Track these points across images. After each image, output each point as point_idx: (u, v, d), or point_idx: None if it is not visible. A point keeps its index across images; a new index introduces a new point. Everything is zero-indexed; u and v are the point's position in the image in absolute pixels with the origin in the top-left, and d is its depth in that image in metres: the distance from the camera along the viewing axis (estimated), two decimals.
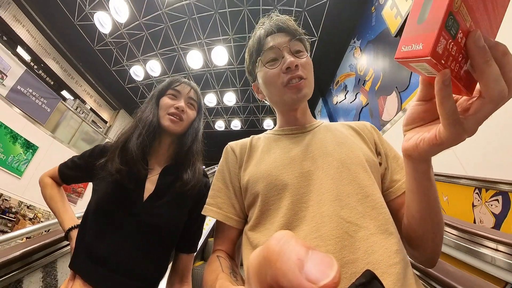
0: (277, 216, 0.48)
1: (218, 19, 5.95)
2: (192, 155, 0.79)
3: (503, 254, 1.01)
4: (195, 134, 0.81)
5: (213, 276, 0.44)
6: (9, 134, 5.14)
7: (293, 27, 0.60)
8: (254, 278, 0.14)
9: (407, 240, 0.48)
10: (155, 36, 6.38)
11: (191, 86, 0.83)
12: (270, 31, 0.60)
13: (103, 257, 0.62)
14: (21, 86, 5.34)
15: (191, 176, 0.74)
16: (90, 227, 0.66)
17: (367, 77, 5.04)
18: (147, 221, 0.67)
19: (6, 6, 6.02)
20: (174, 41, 6.52)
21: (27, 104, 5.42)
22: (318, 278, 0.11)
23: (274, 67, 0.57)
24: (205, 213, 0.58)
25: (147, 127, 0.74)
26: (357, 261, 0.39)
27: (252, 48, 0.63)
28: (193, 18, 5.92)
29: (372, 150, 0.57)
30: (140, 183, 0.71)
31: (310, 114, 0.66)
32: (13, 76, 5.22)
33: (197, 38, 6.44)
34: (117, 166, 0.68)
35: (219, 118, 9.69)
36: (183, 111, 0.77)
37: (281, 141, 0.60)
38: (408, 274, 0.41)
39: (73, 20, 5.73)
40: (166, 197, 0.71)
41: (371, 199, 0.46)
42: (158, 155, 0.79)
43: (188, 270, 0.77)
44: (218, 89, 8.09)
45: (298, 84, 0.56)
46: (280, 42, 0.58)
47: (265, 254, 0.13)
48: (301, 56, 0.58)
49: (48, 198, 0.79)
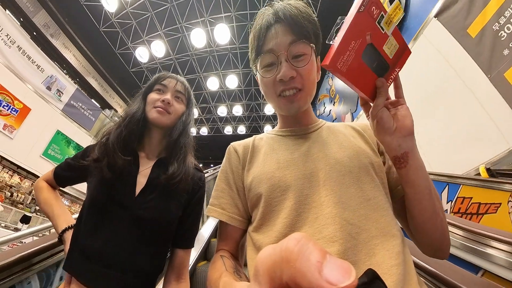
0: (280, 217, 0.48)
1: (231, 57, 6.97)
2: (180, 148, 0.78)
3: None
4: (183, 127, 0.80)
5: (217, 275, 0.44)
6: (64, 139, 6.44)
7: (298, 22, 0.52)
8: (266, 276, 0.14)
9: (414, 232, 0.50)
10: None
11: (177, 79, 0.83)
12: (271, 22, 0.53)
13: (97, 253, 0.62)
14: (73, 101, 6.65)
15: (176, 169, 0.73)
16: (84, 225, 0.66)
17: (335, 99, 7.05)
18: (139, 215, 0.67)
19: (58, 36, 7.43)
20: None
21: (77, 115, 6.73)
22: (337, 280, 0.11)
23: (268, 76, 0.54)
24: (208, 214, 0.57)
25: (128, 118, 0.75)
26: (359, 263, 0.40)
27: (252, 43, 0.57)
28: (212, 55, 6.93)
29: (375, 150, 0.56)
30: (132, 178, 0.71)
31: (312, 114, 0.63)
32: (67, 93, 6.54)
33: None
34: (95, 155, 0.69)
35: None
36: (169, 104, 0.77)
37: (283, 142, 0.59)
38: (411, 275, 0.41)
39: (114, 48, 7.05)
40: (158, 191, 0.71)
41: (373, 202, 0.46)
42: (149, 150, 0.79)
43: (185, 266, 0.76)
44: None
45: (292, 97, 0.53)
46: (280, 44, 0.52)
47: (283, 254, 0.13)
48: (300, 62, 0.52)
49: (42, 202, 0.77)
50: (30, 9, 6.90)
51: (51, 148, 6.19)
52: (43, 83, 6.06)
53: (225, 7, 6.88)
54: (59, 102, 6.36)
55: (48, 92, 6.14)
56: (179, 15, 7.19)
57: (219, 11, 6.94)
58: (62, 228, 0.71)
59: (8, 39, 5.52)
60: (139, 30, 7.43)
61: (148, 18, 7.16)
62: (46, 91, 6.09)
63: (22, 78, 5.60)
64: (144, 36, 7.52)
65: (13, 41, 5.58)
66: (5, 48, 5.42)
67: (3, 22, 5.48)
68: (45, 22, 7.16)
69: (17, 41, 5.65)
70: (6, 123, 5.33)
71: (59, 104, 6.35)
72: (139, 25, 7.33)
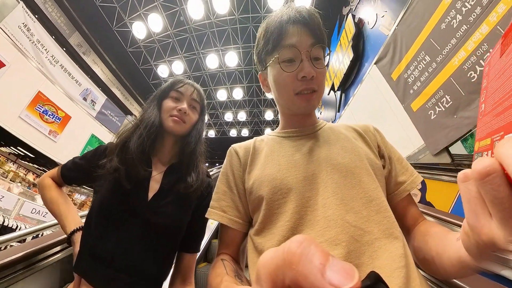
0: (282, 220, 0.47)
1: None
2: (196, 157, 0.78)
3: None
4: (199, 136, 0.80)
5: (218, 279, 0.43)
6: (97, 142, 7.67)
7: (318, 27, 0.54)
8: (268, 279, 0.14)
9: (417, 260, 0.46)
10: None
11: (194, 87, 0.82)
12: (294, 19, 0.53)
13: (109, 257, 0.62)
14: (104, 109, 7.90)
15: (195, 179, 0.74)
16: (94, 228, 0.65)
17: (321, 109, 7.78)
18: (152, 220, 0.66)
19: (88, 53, 8.70)
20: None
21: (107, 121, 7.97)
22: (340, 282, 0.11)
23: (289, 71, 0.53)
24: (209, 217, 0.57)
25: (148, 127, 0.73)
26: (362, 266, 0.40)
27: (270, 34, 0.55)
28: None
29: (375, 153, 0.56)
30: (145, 182, 0.71)
31: (314, 115, 0.63)
32: (99, 103, 7.79)
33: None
34: (115, 164, 0.68)
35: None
36: (185, 113, 0.76)
37: (284, 144, 0.58)
38: (413, 278, 0.40)
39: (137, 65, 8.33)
40: (171, 196, 0.71)
41: (375, 203, 0.46)
42: (162, 155, 0.79)
43: (191, 270, 0.75)
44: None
45: (309, 96, 0.54)
46: (302, 42, 0.52)
47: (285, 256, 0.13)
48: (318, 65, 0.53)
49: (48, 201, 0.73)
50: (66, 32, 8.16)
51: (87, 149, 7.40)
52: (80, 94, 7.29)
53: (234, 40, 8.51)
54: (93, 111, 7.61)
55: (84, 102, 7.37)
56: (197, 43, 8.74)
57: (229, 43, 8.79)
58: (70, 229, 0.69)
59: (53, 59, 6.75)
60: (162, 52, 8.86)
61: (170, 43, 8.66)
62: (83, 101, 7.33)
63: (64, 91, 6.78)
64: (166, 57, 9.04)
65: (56, 60, 6.82)
66: (50, 67, 6.65)
67: (49, 45, 6.73)
68: (78, 42, 8.41)
69: (60, 61, 6.88)
70: (51, 129, 6.29)
71: (92, 112, 7.59)
72: (162, 47, 8.80)
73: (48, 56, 6.67)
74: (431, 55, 2.77)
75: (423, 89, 2.87)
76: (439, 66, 2.68)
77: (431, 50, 2.76)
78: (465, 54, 2.39)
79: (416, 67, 2.97)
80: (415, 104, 3.04)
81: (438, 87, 2.70)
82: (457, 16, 2.47)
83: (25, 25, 5.98)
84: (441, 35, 2.65)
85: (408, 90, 3.11)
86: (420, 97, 2.93)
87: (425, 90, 2.86)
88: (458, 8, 2.45)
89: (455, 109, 2.52)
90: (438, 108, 2.71)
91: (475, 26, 2.30)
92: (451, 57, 2.55)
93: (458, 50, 2.47)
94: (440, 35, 2.65)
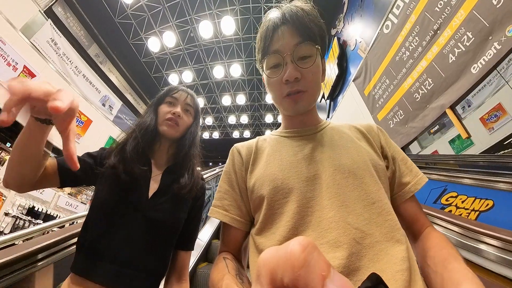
0: (283, 220, 0.47)
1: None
2: (190, 159, 0.82)
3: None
4: (192, 139, 0.84)
5: (219, 276, 0.44)
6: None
7: (304, 25, 0.52)
8: (267, 277, 0.14)
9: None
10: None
11: (188, 93, 0.86)
12: (278, 22, 0.53)
13: (113, 253, 0.64)
14: (120, 114, 8.78)
15: (187, 180, 0.77)
16: (94, 226, 0.67)
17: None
18: (152, 216, 0.69)
19: (105, 63, 9.59)
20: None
21: (122, 124, 8.83)
22: None
23: (274, 76, 0.54)
24: (211, 215, 0.57)
25: (143, 131, 0.77)
26: (363, 268, 0.39)
27: (259, 44, 0.57)
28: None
29: (379, 153, 0.55)
30: (146, 181, 0.74)
31: (316, 115, 0.63)
32: (116, 108, 8.68)
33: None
34: (112, 163, 0.71)
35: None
36: (179, 116, 0.80)
37: (287, 143, 0.58)
38: (416, 280, 0.40)
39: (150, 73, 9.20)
40: (169, 195, 0.75)
41: (378, 205, 0.45)
42: (160, 157, 0.83)
43: (186, 268, 0.78)
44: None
45: (297, 97, 0.53)
46: (285, 45, 0.52)
47: (288, 257, 0.13)
48: (305, 64, 0.52)
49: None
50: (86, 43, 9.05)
51: None
52: (100, 101, 8.17)
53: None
54: (111, 115, 8.48)
55: (103, 107, 8.24)
56: (205, 56, 9.45)
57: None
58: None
59: (76, 69, 7.65)
60: (173, 62, 9.74)
61: (181, 56, 9.52)
62: (102, 106, 8.20)
63: (85, 97, 7.67)
64: (177, 67, 9.91)
65: (79, 70, 7.71)
66: (74, 76, 7.54)
67: (73, 57, 7.63)
68: (96, 53, 9.30)
69: (82, 71, 7.78)
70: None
71: (110, 116, 8.47)
72: (173, 59, 9.69)
73: (72, 67, 7.57)
74: (389, 79, 3.66)
75: (385, 104, 3.76)
76: (395, 88, 3.56)
77: (390, 75, 3.64)
78: (412, 81, 3.27)
79: (380, 87, 3.85)
80: (380, 115, 3.91)
81: (394, 103, 3.58)
82: (406, 52, 3.36)
83: (52, 39, 6.88)
84: (396, 64, 3.53)
85: (375, 104, 3.99)
86: (383, 110, 3.81)
87: (386, 105, 3.74)
88: (407, 46, 3.33)
89: (406, 120, 3.40)
90: (395, 119, 3.59)
91: (417, 60, 3.18)
92: (402, 81, 3.43)
93: (407, 77, 3.35)
94: (396, 65, 3.54)
